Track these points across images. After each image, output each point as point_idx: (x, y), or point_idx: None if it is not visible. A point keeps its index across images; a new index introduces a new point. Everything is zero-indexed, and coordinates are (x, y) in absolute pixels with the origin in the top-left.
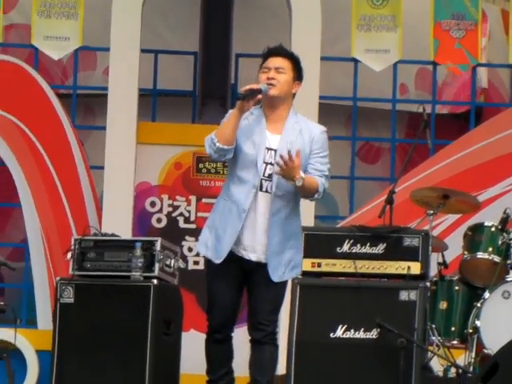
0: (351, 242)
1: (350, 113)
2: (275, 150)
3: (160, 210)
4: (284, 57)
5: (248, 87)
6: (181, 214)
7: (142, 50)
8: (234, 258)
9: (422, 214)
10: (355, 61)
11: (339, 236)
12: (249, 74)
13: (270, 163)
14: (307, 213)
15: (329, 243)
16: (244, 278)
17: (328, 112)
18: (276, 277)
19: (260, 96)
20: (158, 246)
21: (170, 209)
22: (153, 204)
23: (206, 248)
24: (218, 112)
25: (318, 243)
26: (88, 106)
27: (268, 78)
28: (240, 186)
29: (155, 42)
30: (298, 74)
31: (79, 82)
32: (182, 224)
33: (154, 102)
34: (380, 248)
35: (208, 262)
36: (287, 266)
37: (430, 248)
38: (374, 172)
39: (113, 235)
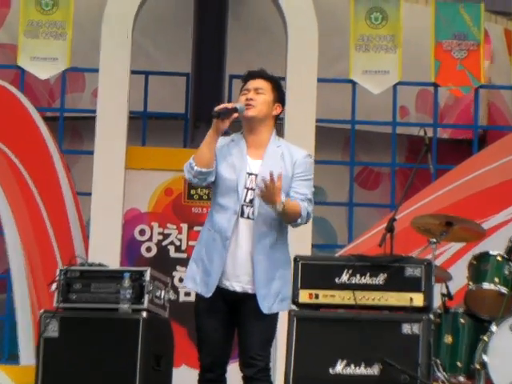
0: (350, 271)
1: (348, 136)
2: (256, 175)
3: (150, 239)
4: (263, 78)
5: (222, 106)
6: (171, 243)
7: (133, 72)
8: (218, 291)
9: (425, 242)
10: (353, 83)
11: (338, 266)
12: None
13: (251, 188)
14: (304, 241)
15: (327, 273)
16: (231, 312)
17: (325, 135)
18: (265, 308)
19: (236, 115)
20: (147, 277)
21: (161, 237)
22: (142, 232)
23: (195, 283)
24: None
25: (316, 273)
26: (76, 129)
27: (247, 99)
28: (222, 213)
29: (146, 63)
30: (278, 95)
31: (67, 104)
32: (172, 253)
33: (144, 126)
34: (381, 278)
35: (198, 297)
36: (276, 297)
37: (434, 278)
38: (373, 198)
39: (100, 265)
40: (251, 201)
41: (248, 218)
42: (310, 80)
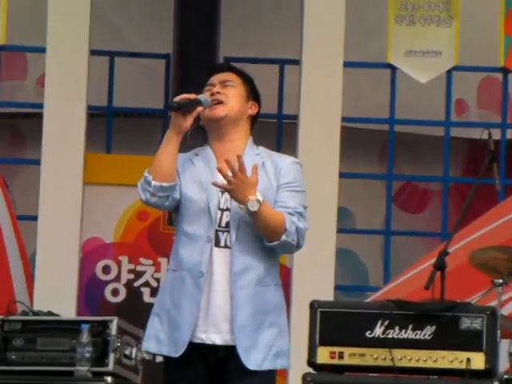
0: (386, 323)
1: (385, 141)
2: None
3: (117, 278)
4: (231, 71)
5: (183, 96)
6: (146, 284)
7: (93, 52)
8: (192, 348)
9: (487, 283)
10: (392, 68)
11: (369, 315)
12: None
13: (227, 209)
14: (324, 281)
15: (355, 325)
16: (213, 375)
17: (355, 140)
18: (251, 363)
19: (200, 108)
20: (113, 330)
21: (131, 276)
22: (107, 269)
23: (159, 343)
24: (200, 139)
25: (340, 325)
26: (15, 130)
27: (213, 94)
28: (190, 244)
29: (115, 43)
30: (251, 91)
31: (3, 95)
32: (147, 297)
33: (108, 126)
34: (427, 332)
35: (166, 362)
36: (267, 351)
37: (499, 332)
38: (418, 224)
39: (49, 314)
40: (228, 224)
41: (225, 246)
42: (333, 65)
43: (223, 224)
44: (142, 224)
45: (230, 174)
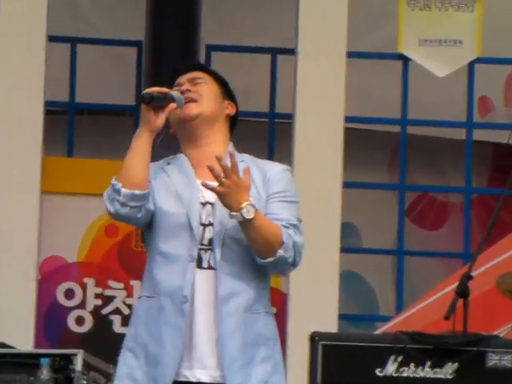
0: (400, 359)
1: (396, 144)
2: (213, 204)
3: (82, 304)
4: (199, 70)
5: (156, 88)
6: (116, 311)
7: (52, 38)
8: None
9: None
10: (404, 59)
11: (380, 349)
12: (229, 79)
13: (209, 224)
14: (326, 309)
15: (363, 361)
16: None
17: (360, 143)
18: None
19: (174, 105)
20: (78, 365)
21: (99, 302)
22: (70, 293)
23: (135, 383)
24: (170, 149)
25: (345, 361)
26: None
27: (183, 93)
28: (168, 266)
29: (78, 28)
30: (225, 89)
31: None
32: (117, 327)
33: (70, 125)
34: (449, 370)
35: None
36: None
37: None
38: (435, 243)
39: (2, 346)
40: (211, 242)
41: (209, 267)
42: (335, 55)
43: (205, 241)
44: (111, 240)
45: (222, 174)
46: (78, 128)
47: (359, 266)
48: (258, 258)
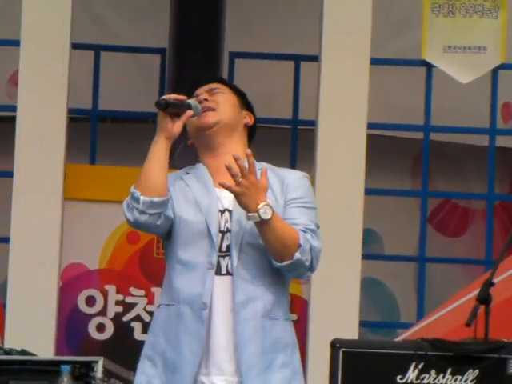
0: (421, 366)
1: (418, 151)
2: (231, 212)
3: (103, 311)
4: (216, 81)
5: (173, 95)
6: (137, 318)
7: (75, 46)
8: None
9: None
10: (428, 65)
11: (401, 356)
12: (252, 86)
13: (227, 231)
14: (347, 316)
15: (384, 368)
16: None
17: (383, 150)
18: None
19: (190, 112)
20: (98, 372)
21: (120, 309)
22: (91, 300)
23: None
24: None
25: (366, 368)
26: None
27: (200, 102)
28: (187, 273)
29: (102, 36)
30: (243, 100)
31: None
32: (138, 334)
33: (93, 132)
34: (469, 377)
35: None
36: None
37: None
38: (458, 249)
39: (23, 353)
40: (228, 248)
41: (227, 273)
42: (358, 61)
43: (224, 248)
44: (133, 247)
45: (239, 174)
46: (101, 135)
47: (381, 273)
48: (275, 261)
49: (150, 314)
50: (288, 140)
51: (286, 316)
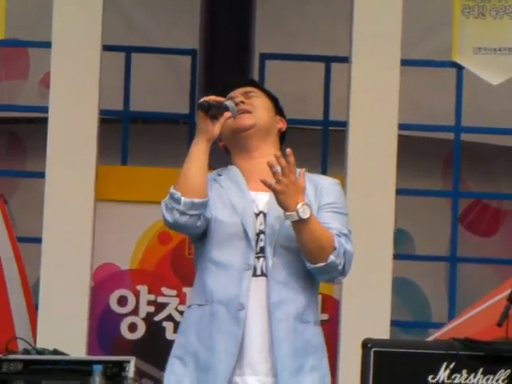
0: (452, 366)
1: (449, 151)
2: (265, 214)
3: (135, 311)
4: (251, 85)
5: (212, 97)
6: (169, 318)
7: (106, 48)
8: None
9: None
10: (458, 67)
11: (432, 356)
12: (283, 87)
13: (261, 232)
14: (378, 316)
15: (415, 368)
16: None
17: (414, 150)
18: None
19: (228, 114)
20: (130, 371)
21: (152, 309)
22: (123, 300)
23: None
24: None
25: (397, 367)
26: (15, 137)
27: (237, 105)
28: (222, 274)
29: (133, 38)
30: (276, 106)
31: (1, 97)
32: (170, 334)
33: (124, 133)
34: (501, 377)
35: None
36: None
37: None
38: (489, 250)
39: (56, 352)
40: (262, 250)
41: (262, 274)
42: (388, 63)
43: (258, 249)
44: (165, 248)
45: (279, 170)
46: (132, 136)
47: (412, 273)
48: (309, 262)
49: (182, 313)
50: (319, 141)
51: (316, 320)
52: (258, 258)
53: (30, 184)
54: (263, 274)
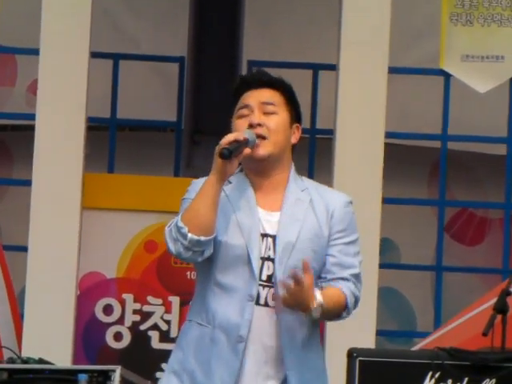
0: (438, 375)
1: (436, 160)
2: (274, 237)
3: (120, 320)
4: (271, 87)
5: (232, 137)
6: (155, 327)
7: (94, 55)
8: None
9: None
10: (446, 75)
11: (418, 365)
12: None
13: (268, 258)
14: (364, 325)
15: (400, 377)
16: None
17: (401, 159)
18: None
19: (248, 151)
20: (115, 380)
21: (137, 317)
22: (108, 309)
23: None
24: None
25: (383, 377)
26: (2, 144)
27: (252, 126)
28: (225, 299)
29: (121, 44)
30: (295, 110)
31: None
32: (155, 343)
33: (111, 141)
34: None
35: None
36: None
37: None
38: (475, 258)
39: (41, 362)
40: (269, 278)
41: (265, 305)
42: (376, 70)
43: (264, 277)
44: (150, 256)
45: (288, 286)
46: (119, 144)
47: (398, 282)
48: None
49: (167, 322)
50: (306, 149)
51: (317, 341)
52: (264, 286)
53: (16, 192)
54: (266, 304)
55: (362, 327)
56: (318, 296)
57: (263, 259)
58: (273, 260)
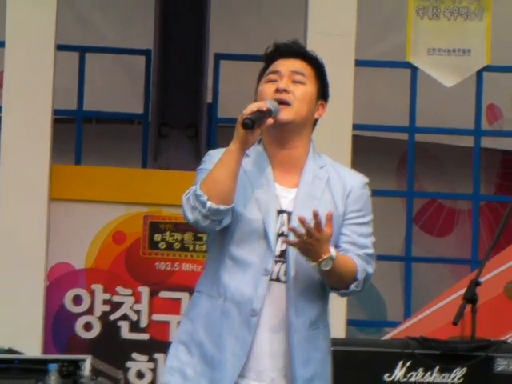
0: (408, 364)
1: (404, 152)
2: (290, 214)
3: (90, 310)
4: (304, 59)
5: (255, 107)
6: (124, 317)
7: (60, 47)
8: None
9: None
10: (412, 68)
11: (388, 354)
12: (237, 88)
13: (283, 234)
14: (334, 315)
15: (370, 366)
16: None
17: (369, 150)
18: None
19: (271, 121)
20: (86, 370)
21: (107, 308)
22: (77, 300)
23: (184, 379)
24: (185, 149)
25: (354, 366)
26: None
27: (278, 91)
28: (239, 272)
29: (88, 37)
30: (323, 87)
31: None
32: (126, 333)
33: (78, 133)
34: (457, 375)
35: None
36: None
37: None
38: (444, 249)
39: (10, 352)
40: (283, 253)
41: (277, 280)
42: (343, 63)
43: (277, 252)
44: (119, 247)
45: (304, 235)
46: (86, 136)
47: None
48: (329, 287)
49: (137, 312)
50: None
51: (325, 323)
52: (277, 262)
53: None
54: (278, 279)
55: (332, 317)
56: (333, 250)
57: (278, 235)
58: (287, 236)
